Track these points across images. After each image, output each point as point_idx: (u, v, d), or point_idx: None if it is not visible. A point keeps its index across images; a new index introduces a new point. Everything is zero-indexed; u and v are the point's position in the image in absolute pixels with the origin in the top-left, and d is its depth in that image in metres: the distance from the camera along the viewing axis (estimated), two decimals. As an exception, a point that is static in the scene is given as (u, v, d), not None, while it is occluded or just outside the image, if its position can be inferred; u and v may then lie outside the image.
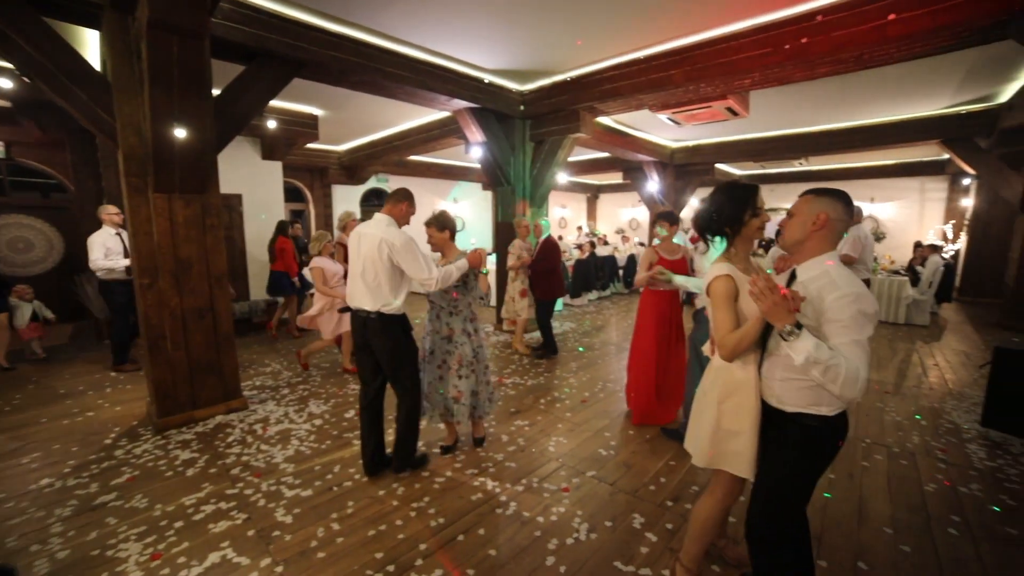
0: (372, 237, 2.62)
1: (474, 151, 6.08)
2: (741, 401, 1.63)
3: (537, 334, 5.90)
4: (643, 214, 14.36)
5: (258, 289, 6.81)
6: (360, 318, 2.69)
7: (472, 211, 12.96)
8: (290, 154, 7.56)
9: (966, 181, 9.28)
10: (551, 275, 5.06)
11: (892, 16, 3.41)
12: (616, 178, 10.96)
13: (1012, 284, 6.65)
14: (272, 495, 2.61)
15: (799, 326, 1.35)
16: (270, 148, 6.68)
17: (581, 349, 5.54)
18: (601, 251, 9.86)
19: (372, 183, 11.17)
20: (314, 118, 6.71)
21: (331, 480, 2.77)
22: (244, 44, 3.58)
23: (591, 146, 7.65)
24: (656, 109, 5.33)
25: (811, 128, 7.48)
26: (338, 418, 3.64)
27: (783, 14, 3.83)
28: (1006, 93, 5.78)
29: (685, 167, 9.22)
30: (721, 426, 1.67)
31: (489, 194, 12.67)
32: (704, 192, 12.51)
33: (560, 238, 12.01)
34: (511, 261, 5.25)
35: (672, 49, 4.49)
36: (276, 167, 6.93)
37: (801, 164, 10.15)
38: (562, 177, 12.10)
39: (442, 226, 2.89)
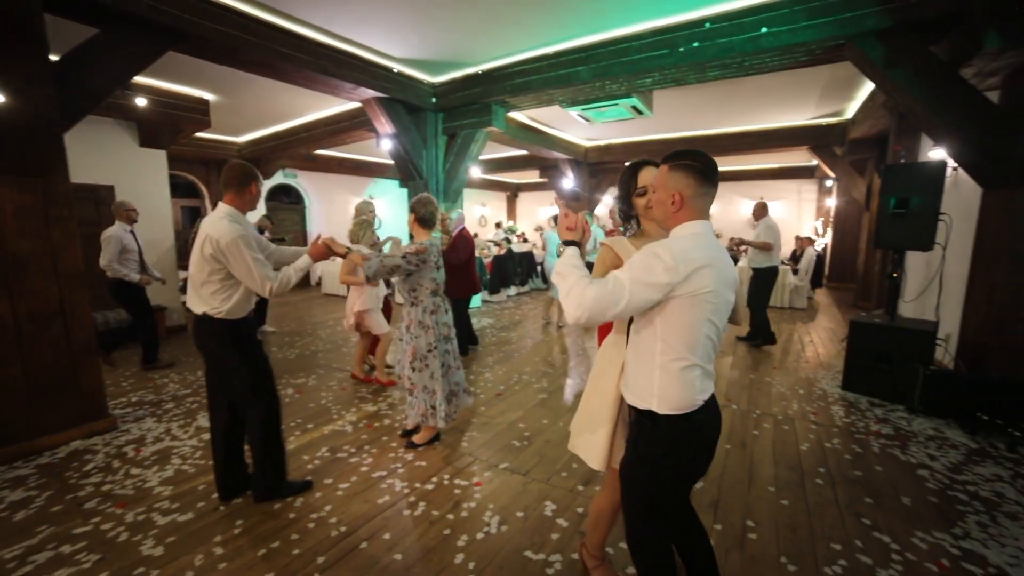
0: (201, 233, 2.20)
1: (384, 143, 5.84)
2: (605, 386, 1.59)
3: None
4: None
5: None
6: (192, 320, 2.34)
7: (390, 208, 12.50)
8: (179, 143, 6.72)
9: (829, 183, 10.68)
10: (464, 271, 4.92)
11: (764, 29, 3.79)
12: (534, 176, 11.18)
13: (861, 270, 7.77)
14: (139, 526, 2.25)
15: (573, 244, 1.40)
16: (150, 134, 5.87)
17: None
18: (519, 248, 9.98)
19: (279, 179, 10.34)
20: (204, 103, 6.03)
21: (217, 499, 2.46)
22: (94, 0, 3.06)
23: (507, 143, 7.71)
24: (567, 105, 5.47)
25: (709, 131, 8.15)
26: (229, 431, 3.27)
27: (677, 19, 4.10)
28: (851, 109, 6.73)
29: (598, 165, 9.63)
30: (587, 407, 1.65)
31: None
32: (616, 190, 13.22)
33: (476, 235, 11.96)
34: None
35: (578, 46, 4.64)
36: (158, 157, 6.11)
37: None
38: (481, 175, 12.08)
39: (411, 210, 2.86)
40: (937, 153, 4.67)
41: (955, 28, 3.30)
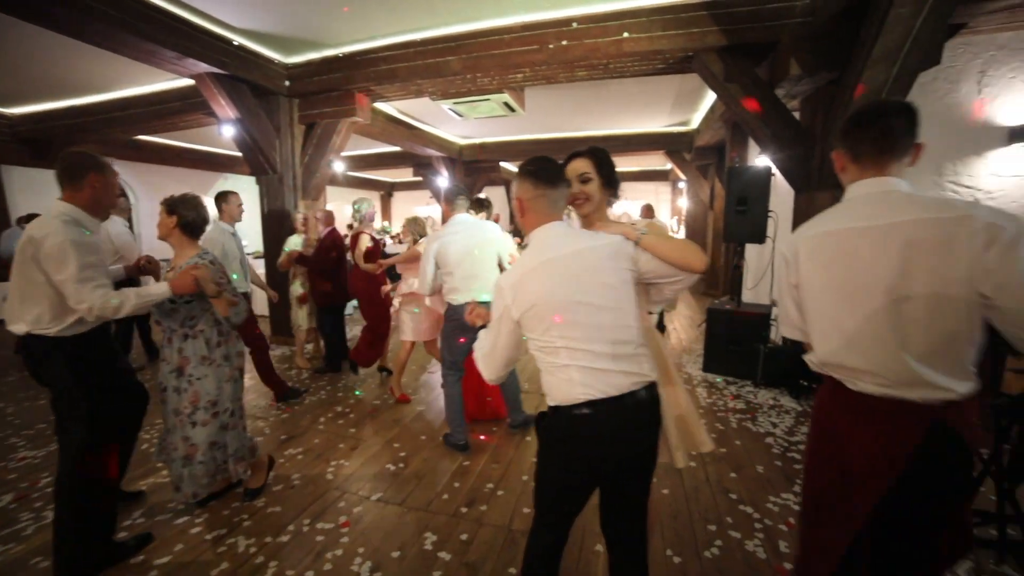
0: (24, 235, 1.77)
1: (227, 130, 4.95)
2: None
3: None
4: (438, 211, 14.48)
5: None
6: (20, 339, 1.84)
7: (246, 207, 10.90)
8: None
9: (681, 185, 12.07)
10: (332, 276, 4.31)
11: (626, 34, 3.96)
12: (409, 175, 10.70)
13: (709, 262, 8.87)
14: None
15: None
16: None
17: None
18: (395, 249, 9.47)
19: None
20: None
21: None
22: None
23: (376, 137, 7.17)
24: (437, 97, 5.21)
25: (578, 133, 8.54)
26: (-16, 508, 2.37)
27: (547, 16, 4.09)
28: (696, 119, 7.60)
29: (473, 164, 9.52)
30: None
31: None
32: (495, 189, 13.34)
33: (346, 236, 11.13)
34: (281, 259, 4.42)
35: (449, 35, 4.39)
36: None
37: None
38: (350, 172, 11.21)
39: (171, 211, 2.15)
40: (763, 160, 5.42)
41: (770, 55, 3.80)
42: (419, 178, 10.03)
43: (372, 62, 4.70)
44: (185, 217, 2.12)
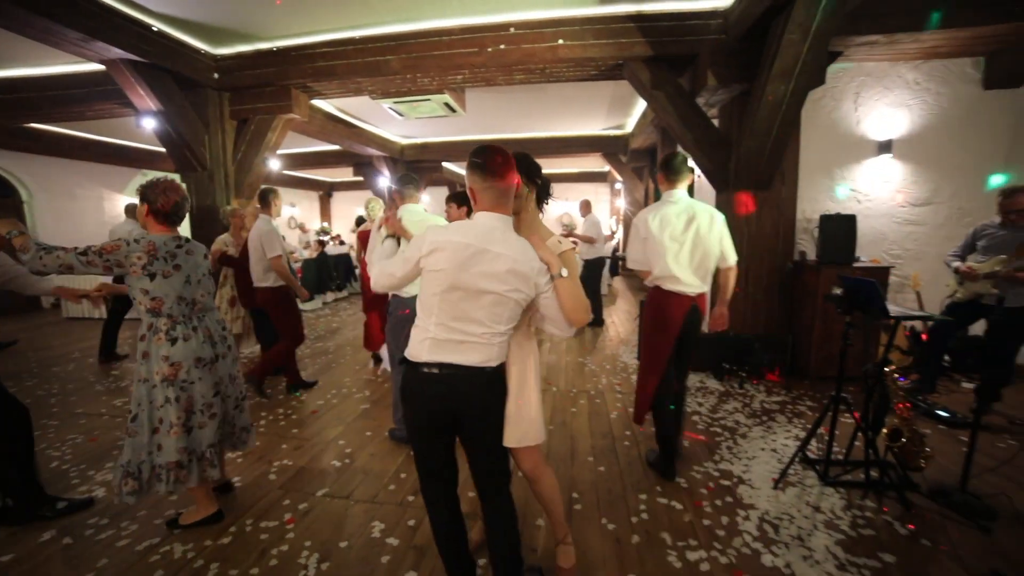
0: None
1: (147, 122, 4.63)
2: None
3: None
4: (377, 212, 14.17)
5: None
6: None
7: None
8: None
9: (618, 186, 12.66)
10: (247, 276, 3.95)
11: (561, 41, 4.16)
12: (348, 174, 10.41)
13: (647, 260, 9.41)
14: None
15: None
16: None
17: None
18: (335, 250, 9.22)
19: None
20: None
21: None
22: None
23: (314, 135, 6.96)
24: (378, 96, 5.17)
25: (519, 135, 8.73)
26: None
27: (486, 20, 4.21)
28: (631, 124, 8.04)
29: (415, 164, 9.46)
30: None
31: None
32: (438, 190, 13.31)
33: (284, 238, 10.68)
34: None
35: (388, 34, 4.40)
36: None
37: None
38: (287, 171, 10.75)
39: (143, 199, 2.04)
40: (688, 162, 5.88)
41: (690, 66, 4.16)
42: (359, 178, 9.79)
43: (309, 58, 4.60)
44: (157, 202, 2.01)
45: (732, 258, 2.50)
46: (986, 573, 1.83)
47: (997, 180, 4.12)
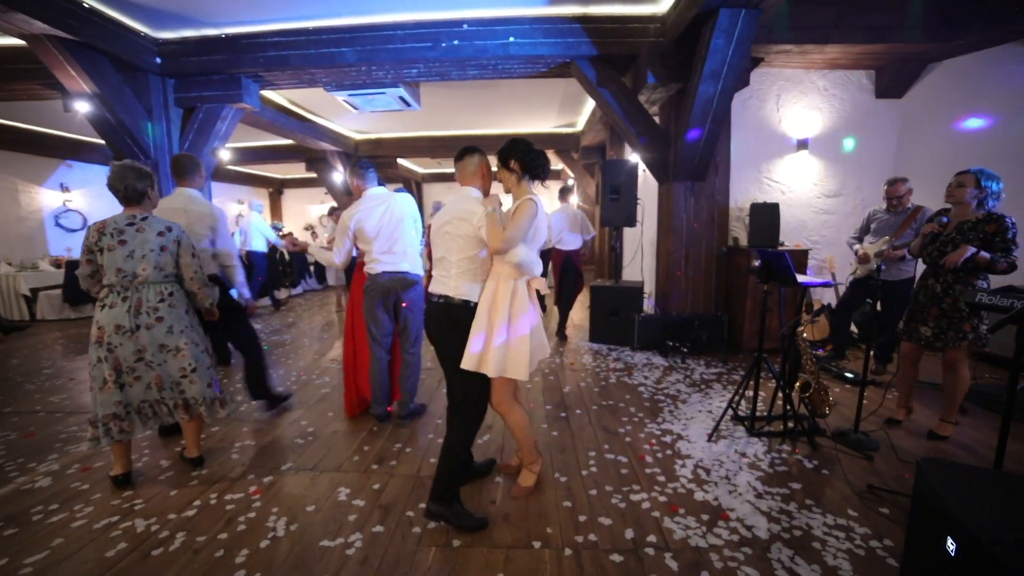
0: None
1: (80, 106, 4.41)
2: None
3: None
4: (246, 209, 13.86)
5: None
6: None
7: (98, 201, 9.44)
8: None
9: (570, 182, 13.06)
10: None
11: (512, 39, 4.35)
12: (300, 170, 10.15)
13: (597, 253, 9.83)
14: None
15: None
16: None
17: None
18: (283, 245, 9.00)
19: None
20: None
21: None
22: None
23: (265, 127, 6.79)
24: (331, 88, 5.17)
25: (473, 132, 8.87)
26: None
27: (439, 15, 4.33)
28: (581, 122, 8.38)
29: (370, 159, 9.37)
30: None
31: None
32: (390, 185, 13.18)
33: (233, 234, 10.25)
34: None
35: (342, 26, 4.43)
36: None
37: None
38: (236, 166, 10.34)
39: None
40: (634, 156, 6.24)
41: (632, 65, 4.47)
42: (312, 174, 9.57)
43: (260, 47, 4.54)
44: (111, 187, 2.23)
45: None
46: (864, 488, 2.20)
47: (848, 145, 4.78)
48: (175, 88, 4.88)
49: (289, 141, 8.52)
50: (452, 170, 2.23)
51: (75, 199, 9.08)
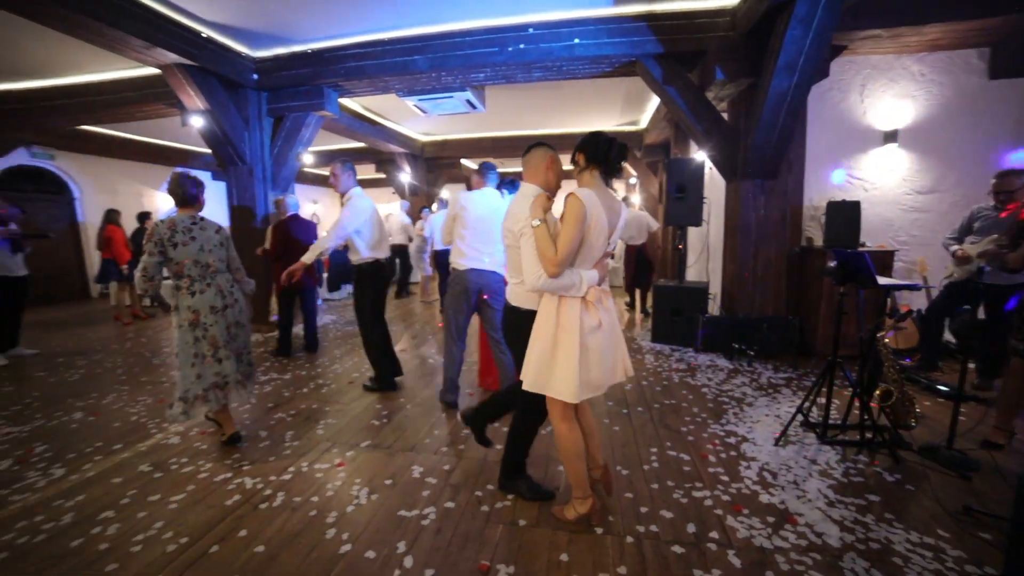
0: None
1: (195, 121, 5.03)
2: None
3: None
4: (398, 209, 14.52)
5: None
6: None
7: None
8: None
9: (633, 181, 12.82)
10: (283, 263, 4.23)
11: (577, 40, 4.41)
12: (369, 172, 10.75)
13: (659, 251, 9.60)
14: None
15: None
16: None
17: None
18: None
19: (23, 159, 7.82)
20: None
21: (-22, 551, 1.89)
22: None
23: (341, 132, 7.34)
24: (403, 94, 5.49)
25: (536, 131, 8.98)
26: (-15, 471, 2.50)
27: (506, 21, 4.49)
28: (645, 120, 8.23)
29: (435, 160, 9.79)
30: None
31: (223, 185, 10.64)
32: (453, 186, 13.60)
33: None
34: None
35: (415, 35, 4.71)
36: None
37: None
38: (312, 168, 11.17)
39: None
40: (700, 155, 6.07)
41: (700, 62, 4.38)
42: (381, 175, 10.14)
43: (340, 59, 4.94)
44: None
45: None
46: (959, 508, 2.05)
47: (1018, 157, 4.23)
48: (267, 100, 5.42)
49: (361, 144, 9.08)
50: (515, 168, 2.31)
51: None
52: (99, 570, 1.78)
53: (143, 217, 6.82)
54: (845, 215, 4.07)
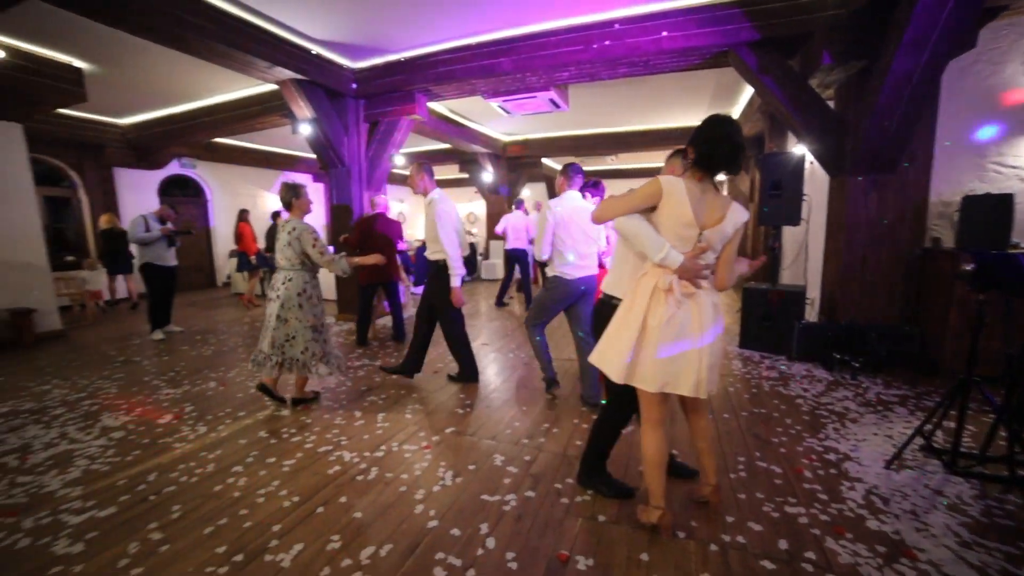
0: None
1: (303, 129, 5.59)
2: None
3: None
4: (481, 208, 14.95)
5: (-1, 295, 5.10)
6: None
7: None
8: (41, 120, 5.80)
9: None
10: (361, 255, 4.29)
11: (665, 33, 4.27)
12: (453, 172, 11.21)
13: (749, 251, 8.94)
14: (44, 529, 2.02)
15: None
16: (-1, 103, 4.94)
17: None
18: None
19: (174, 169, 9.29)
20: (76, 72, 5.26)
21: (145, 491, 2.29)
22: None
23: (428, 134, 7.73)
24: (488, 96, 5.66)
25: (618, 128, 8.80)
26: (148, 426, 3.02)
27: (591, 19, 4.47)
28: (735, 112, 7.69)
29: (517, 160, 9.95)
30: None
31: (320, 186, 11.72)
32: (534, 185, 13.71)
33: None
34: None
35: (501, 38, 4.84)
36: (11, 131, 5.14)
37: (612, 161, 11.86)
38: (399, 170, 11.87)
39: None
40: (799, 148, 5.58)
41: (803, 45, 4.02)
42: (464, 175, 10.53)
43: (431, 65, 5.21)
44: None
45: None
46: None
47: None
48: (364, 107, 5.88)
49: (445, 145, 9.51)
50: (595, 167, 2.28)
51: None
52: (235, 512, 2.09)
53: (275, 216, 7.82)
54: (989, 210, 3.50)
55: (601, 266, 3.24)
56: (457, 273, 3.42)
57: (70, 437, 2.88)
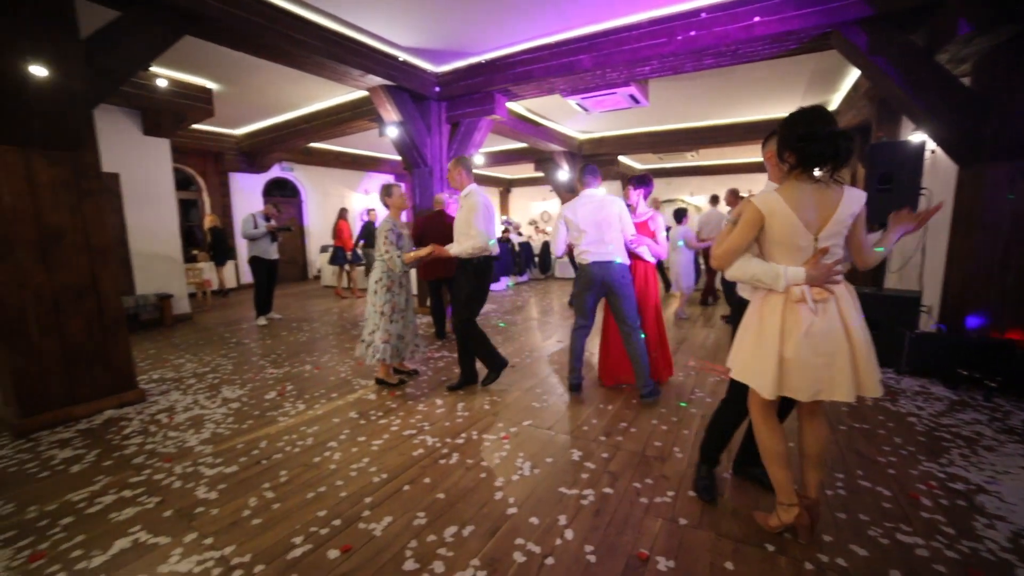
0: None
1: (389, 131, 5.96)
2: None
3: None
4: (554, 206, 14.96)
5: (146, 283, 6.00)
6: None
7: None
8: (179, 134, 6.76)
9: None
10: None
11: (757, 18, 4.01)
12: (528, 171, 11.32)
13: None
14: (189, 476, 2.39)
15: None
16: (155, 122, 5.86)
17: (502, 324, 5.76)
18: (517, 239, 10.21)
19: (275, 172, 10.34)
20: (207, 92, 6.08)
21: (258, 455, 2.59)
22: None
23: (506, 134, 7.88)
24: (566, 94, 5.65)
25: (699, 123, 8.40)
26: (258, 400, 3.41)
27: (675, 9, 4.31)
28: (836, 100, 7.03)
29: (592, 158, 9.83)
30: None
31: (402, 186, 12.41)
32: (610, 183, 13.45)
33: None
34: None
35: (580, 36, 4.82)
36: (162, 145, 6.12)
37: (692, 157, 11.32)
38: (476, 168, 12.22)
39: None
40: (917, 136, 4.96)
41: (930, 16, 3.56)
42: (538, 174, 10.61)
43: (511, 65, 5.31)
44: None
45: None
46: None
47: None
48: (446, 108, 6.12)
49: (522, 144, 9.63)
50: (673, 164, 2.21)
51: (372, 199, 12.35)
52: (332, 483, 2.30)
53: (368, 212, 8.55)
54: None
55: (634, 256, 3.39)
56: (464, 253, 3.33)
57: (200, 404, 3.33)
